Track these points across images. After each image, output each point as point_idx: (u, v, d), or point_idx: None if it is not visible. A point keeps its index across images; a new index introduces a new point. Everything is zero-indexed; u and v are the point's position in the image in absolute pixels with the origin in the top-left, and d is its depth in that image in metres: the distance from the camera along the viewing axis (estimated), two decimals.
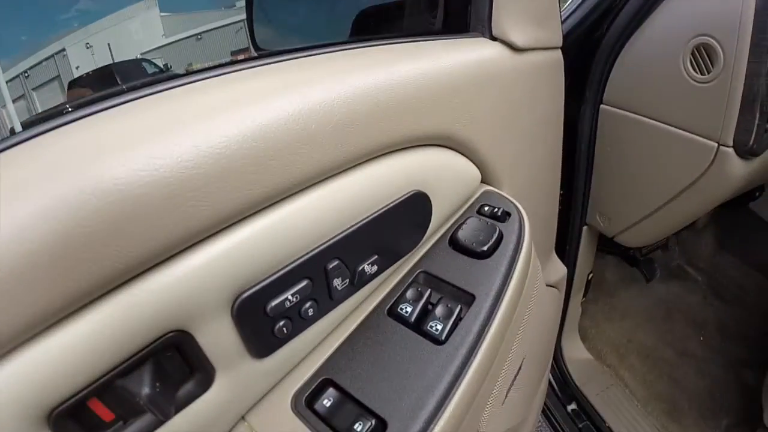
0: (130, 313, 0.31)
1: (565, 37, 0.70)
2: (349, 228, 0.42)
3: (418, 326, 0.46)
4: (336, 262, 0.42)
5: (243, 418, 0.43)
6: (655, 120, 0.90)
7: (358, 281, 0.45)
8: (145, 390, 0.32)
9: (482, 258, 0.50)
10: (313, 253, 0.40)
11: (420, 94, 0.46)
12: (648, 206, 1.00)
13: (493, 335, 0.46)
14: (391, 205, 0.46)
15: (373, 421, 0.40)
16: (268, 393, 0.44)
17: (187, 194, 0.32)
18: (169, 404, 0.35)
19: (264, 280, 0.37)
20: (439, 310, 0.47)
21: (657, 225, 1.02)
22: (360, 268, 0.45)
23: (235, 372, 0.39)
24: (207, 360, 0.37)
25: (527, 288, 0.54)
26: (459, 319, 0.46)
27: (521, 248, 0.52)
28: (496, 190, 0.61)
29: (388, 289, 0.51)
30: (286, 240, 0.38)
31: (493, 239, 0.51)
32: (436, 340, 0.45)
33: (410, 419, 0.39)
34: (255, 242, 0.36)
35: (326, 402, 0.42)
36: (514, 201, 0.58)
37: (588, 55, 0.95)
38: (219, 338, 0.37)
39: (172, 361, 0.36)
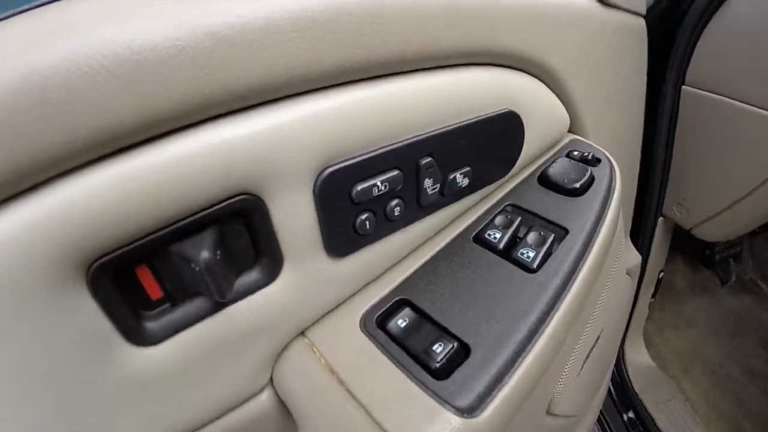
0: (200, 160, 0.26)
1: (648, 11, 0.65)
2: (444, 128, 0.37)
3: (507, 253, 0.41)
4: (428, 159, 0.36)
5: (303, 333, 0.38)
6: (742, 102, 0.81)
7: (448, 190, 0.39)
8: (204, 255, 0.27)
9: (574, 195, 0.46)
10: (407, 142, 0.34)
11: (517, 6, 0.41)
12: (731, 195, 0.90)
13: (587, 272, 0.40)
14: (484, 116, 0.40)
15: (455, 344, 0.33)
16: (334, 309, 0.38)
17: (289, 32, 0.26)
18: (228, 283, 0.29)
19: (354, 157, 0.32)
20: (531, 237, 0.41)
21: (740, 216, 0.92)
22: (452, 176, 0.39)
23: (306, 269, 0.34)
24: (277, 243, 0.32)
25: (616, 239, 0.49)
26: (550, 252, 0.40)
27: (613, 191, 0.48)
28: (584, 139, 0.56)
29: (473, 218, 0.45)
30: (381, 119, 0.32)
31: (585, 178, 0.47)
32: (527, 268, 0.39)
33: (497, 346, 0.33)
34: (349, 112, 0.31)
35: (401, 322, 0.36)
36: (603, 150, 0.53)
37: (669, 33, 0.87)
38: (295, 217, 0.31)
39: (239, 238, 0.31)
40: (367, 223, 0.34)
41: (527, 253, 0.40)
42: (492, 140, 0.42)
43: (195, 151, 0.26)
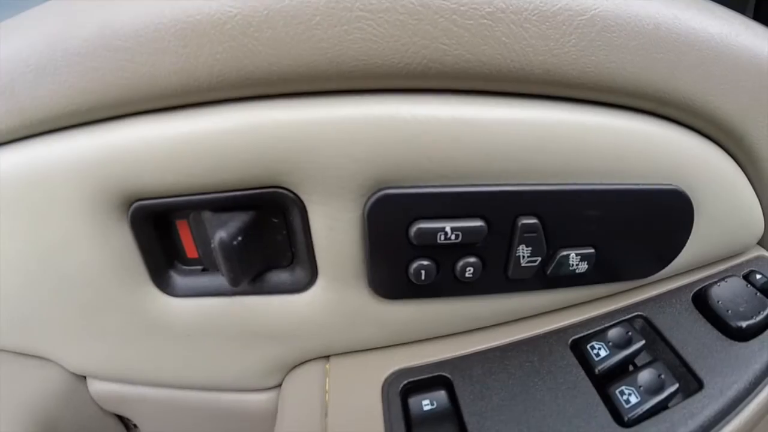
0: (239, 138, 0.24)
1: None
2: (567, 185, 0.27)
3: (603, 382, 0.29)
4: (532, 221, 0.27)
5: (328, 358, 0.33)
6: None
7: (555, 270, 0.29)
8: (221, 235, 0.25)
9: (734, 337, 0.32)
10: (505, 188, 0.26)
11: (731, 58, 0.28)
12: None
13: None
14: (635, 187, 0.28)
15: None
16: (368, 351, 0.33)
17: (358, 10, 0.22)
18: (243, 272, 0.27)
19: (421, 186, 0.25)
20: (644, 376, 0.28)
21: None
22: (563, 253, 0.28)
23: (341, 294, 0.29)
24: (313, 254, 0.28)
25: None
26: (665, 405, 0.28)
27: None
28: None
29: (584, 316, 0.33)
30: (475, 149, 0.25)
31: (760, 317, 0.32)
32: (619, 416, 0.27)
33: None
34: (431, 128, 0.24)
35: (426, 404, 0.28)
36: None
37: None
38: (337, 234, 0.27)
39: (276, 233, 0.28)
40: (424, 273, 0.27)
41: (629, 395, 0.27)
42: (640, 223, 0.30)
43: (236, 126, 0.24)
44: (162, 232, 0.29)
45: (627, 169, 0.28)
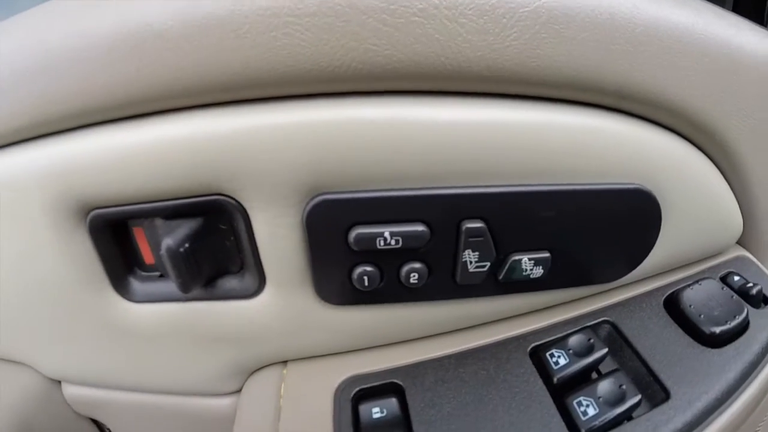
0: (176, 146, 0.24)
1: None
2: (515, 187, 0.26)
3: (561, 393, 0.28)
4: (478, 225, 0.26)
5: (286, 363, 0.33)
6: None
7: (507, 275, 0.28)
8: (167, 242, 0.25)
9: (707, 344, 0.31)
10: (446, 191, 0.25)
11: (699, 48, 0.27)
12: None
13: None
14: (592, 187, 0.27)
15: None
16: (324, 357, 0.32)
17: (285, 17, 0.21)
18: (192, 278, 0.27)
19: (357, 191, 0.25)
20: (604, 386, 0.27)
21: None
22: (515, 257, 0.28)
23: (290, 301, 0.29)
24: (259, 260, 0.28)
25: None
26: (628, 416, 0.27)
27: None
28: (757, 261, 0.37)
29: (547, 321, 0.32)
30: (412, 151, 0.24)
31: (735, 322, 0.31)
32: (575, 428, 0.26)
33: None
34: (367, 131, 0.24)
35: (375, 411, 0.28)
36: None
37: None
38: (279, 241, 0.26)
39: (224, 239, 0.28)
40: (367, 279, 0.27)
41: (587, 406, 0.26)
42: (601, 224, 0.28)
43: (176, 136, 0.24)
44: (121, 239, 0.29)
45: (584, 168, 0.27)
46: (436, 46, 0.22)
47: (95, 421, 0.42)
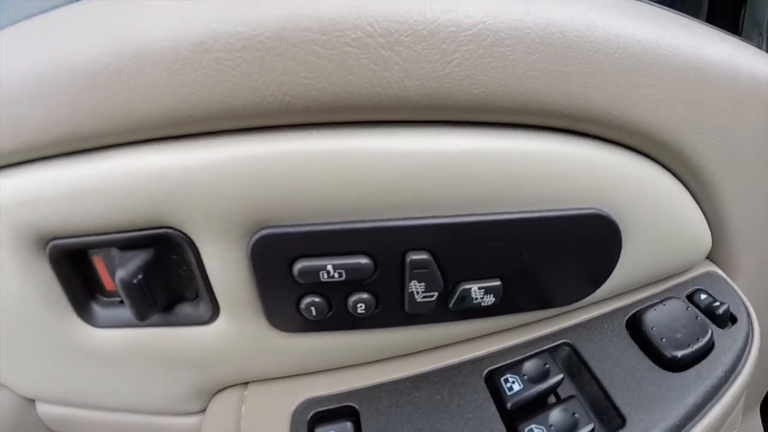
0: (122, 180, 0.24)
1: None
2: (464, 217, 0.26)
3: (513, 420, 0.28)
4: (422, 256, 0.26)
5: (247, 384, 0.33)
6: None
7: (457, 304, 0.28)
8: (120, 274, 0.26)
9: (668, 367, 0.31)
10: (388, 224, 0.25)
11: (654, 63, 0.26)
12: None
13: None
14: (544, 215, 0.27)
15: None
16: (281, 379, 0.33)
17: (217, 52, 0.21)
18: (148, 306, 0.27)
19: (298, 225, 0.25)
20: (556, 415, 0.27)
21: None
22: (464, 287, 0.28)
23: (243, 327, 0.29)
24: (211, 289, 0.28)
25: None
26: None
27: (732, 381, 0.31)
28: (726, 277, 0.37)
29: (502, 345, 0.32)
30: (352, 184, 0.24)
31: (699, 344, 0.31)
32: None
33: None
34: (304, 164, 0.24)
35: None
36: (749, 305, 0.35)
37: None
38: (228, 272, 0.27)
39: (178, 268, 0.28)
40: (314, 309, 0.27)
41: None
42: (556, 251, 0.28)
43: (121, 171, 0.25)
44: (81, 267, 0.30)
45: (537, 195, 0.26)
46: (371, 77, 0.22)
47: None
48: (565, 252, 0.28)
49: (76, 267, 0.29)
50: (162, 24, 0.21)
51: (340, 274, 0.25)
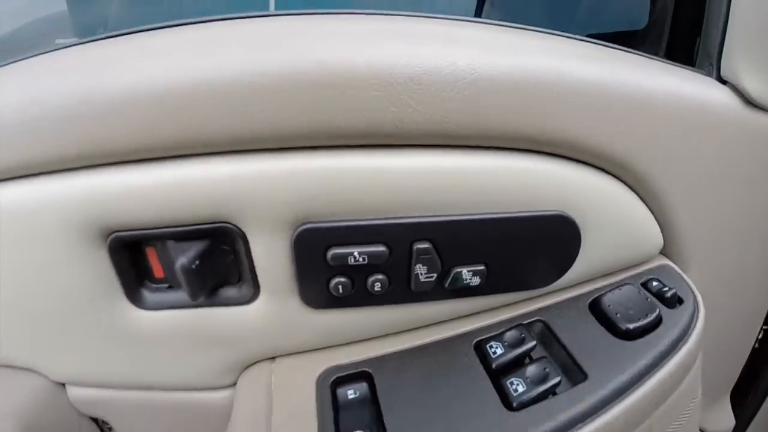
0: (192, 186, 0.31)
1: None
2: (451, 216, 0.34)
3: (497, 376, 0.35)
4: (425, 245, 0.34)
5: (274, 359, 0.39)
6: None
7: (452, 284, 0.36)
8: (182, 260, 0.32)
9: (622, 337, 0.37)
10: (399, 221, 0.33)
11: (607, 97, 0.34)
12: None
13: None
14: (518, 215, 0.35)
15: None
16: (307, 352, 0.39)
17: (272, 91, 0.29)
18: (200, 288, 0.33)
19: (332, 221, 0.32)
20: (531, 370, 0.34)
21: None
22: (457, 270, 0.35)
23: (280, 306, 0.36)
24: (255, 273, 0.34)
25: (668, 410, 0.37)
26: (552, 392, 0.33)
27: (679, 349, 0.36)
28: (678, 269, 0.44)
29: (487, 322, 0.40)
30: (370, 192, 0.32)
31: (647, 320, 0.37)
32: (508, 402, 0.33)
33: None
34: (334, 177, 0.31)
35: (350, 393, 0.35)
36: (695, 290, 0.41)
37: None
38: (272, 258, 0.33)
39: (225, 257, 0.35)
40: (341, 287, 0.34)
41: (517, 385, 0.33)
42: (527, 244, 0.36)
43: (192, 177, 0.31)
44: (134, 256, 0.35)
45: (512, 200, 0.34)
46: (392, 115, 0.30)
47: (95, 421, 0.47)
48: (535, 244, 0.36)
49: (130, 256, 0.35)
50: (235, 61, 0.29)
51: (364, 259, 0.33)
